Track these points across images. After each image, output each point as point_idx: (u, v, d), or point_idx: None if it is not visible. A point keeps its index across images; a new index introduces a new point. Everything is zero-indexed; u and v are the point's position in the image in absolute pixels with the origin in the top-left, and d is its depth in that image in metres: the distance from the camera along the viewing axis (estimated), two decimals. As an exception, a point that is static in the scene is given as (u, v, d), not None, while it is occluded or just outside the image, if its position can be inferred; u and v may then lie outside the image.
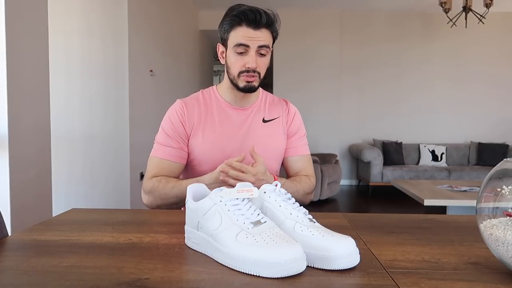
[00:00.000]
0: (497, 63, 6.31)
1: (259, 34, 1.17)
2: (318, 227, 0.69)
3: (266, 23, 1.18)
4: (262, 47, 1.18)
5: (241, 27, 1.17)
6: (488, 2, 4.21)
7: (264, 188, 0.76)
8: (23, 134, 1.78)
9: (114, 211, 1.07)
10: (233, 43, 1.19)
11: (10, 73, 1.68)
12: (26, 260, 0.68)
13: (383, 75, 6.43)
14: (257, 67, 1.20)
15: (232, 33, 1.19)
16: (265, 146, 1.28)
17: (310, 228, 0.68)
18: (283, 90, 6.31)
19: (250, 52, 1.18)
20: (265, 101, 1.36)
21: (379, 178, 5.62)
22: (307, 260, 0.61)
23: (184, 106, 1.28)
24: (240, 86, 1.23)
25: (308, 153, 1.38)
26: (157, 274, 0.61)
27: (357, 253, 0.64)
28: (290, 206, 0.73)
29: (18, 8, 1.74)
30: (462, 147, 6.18)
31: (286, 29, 6.35)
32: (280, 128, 1.33)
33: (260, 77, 1.23)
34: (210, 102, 1.31)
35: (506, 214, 0.61)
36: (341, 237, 0.65)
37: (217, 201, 0.69)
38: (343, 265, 0.62)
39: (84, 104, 3.32)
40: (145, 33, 3.74)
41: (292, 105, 1.40)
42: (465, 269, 0.64)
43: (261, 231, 0.64)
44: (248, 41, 1.17)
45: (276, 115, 1.34)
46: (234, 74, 1.22)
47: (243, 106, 1.31)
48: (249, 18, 1.15)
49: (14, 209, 1.70)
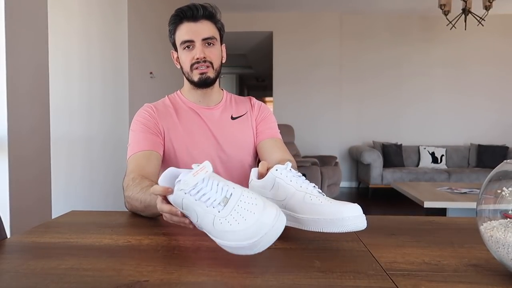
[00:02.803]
0: (497, 66, 6.32)
1: (200, 27, 1.22)
2: (326, 197, 0.75)
3: (204, 15, 1.22)
4: (207, 39, 1.22)
5: (182, 24, 1.23)
6: (487, 4, 4.22)
7: (277, 166, 0.82)
8: (23, 136, 1.78)
9: (113, 213, 1.07)
10: (179, 41, 1.23)
11: (10, 75, 1.68)
12: (25, 262, 0.67)
13: (383, 77, 6.43)
14: (207, 57, 1.22)
15: (177, 32, 1.24)
16: (236, 141, 1.32)
17: (319, 197, 0.74)
18: (283, 92, 6.32)
19: (196, 44, 1.22)
20: (230, 100, 1.39)
21: (379, 180, 5.62)
22: (318, 227, 0.68)
23: (154, 108, 1.30)
24: (195, 80, 1.25)
25: (280, 137, 1.38)
26: (156, 277, 0.60)
27: (363, 218, 0.69)
28: (301, 180, 0.79)
29: (18, 12, 1.74)
30: (462, 149, 6.18)
31: (286, 31, 6.38)
32: (249, 123, 1.36)
33: (214, 67, 1.25)
34: (178, 105, 1.34)
35: (506, 216, 0.61)
36: (348, 204, 0.71)
37: (183, 195, 0.68)
38: (352, 227, 0.66)
39: (83, 106, 3.32)
40: (145, 35, 3.74)
41: (256, 100, 1.43)
42: (465, 271, 0.64)
43: (231, 208, 0.64)
44: (192, 35, 1.21)
45: (243, 111, 1.37)
46: (187, 70, 1.25)
47: (209, 105, 1.33)
48: (187, 14, 1.21)
49: (14, 211, 1.69)
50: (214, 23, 1.25)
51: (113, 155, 3.35)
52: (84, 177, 3.35)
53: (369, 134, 6.44)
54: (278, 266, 0.66)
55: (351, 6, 6.01)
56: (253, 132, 1.36)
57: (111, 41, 3.32)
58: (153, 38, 3.99)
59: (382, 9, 6.14)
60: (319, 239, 0.81)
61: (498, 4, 5.16)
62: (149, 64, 3.86)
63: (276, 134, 1.38)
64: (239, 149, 1.32)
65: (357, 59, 6.44)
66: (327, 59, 6.32)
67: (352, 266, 0.66)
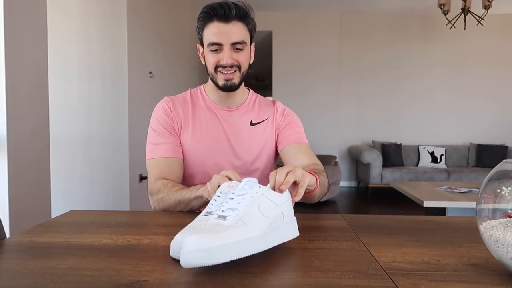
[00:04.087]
0: (496, 65, 6.32)
1: (231, 28, 1.14)
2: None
3: (236, 15, 1.14)
4: (236, 43, 1.15)
5: (212, 23, 1.15)
6: (486, 4, 4.22)
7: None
8: (22, 136, 1.78)
9: (112, 213, 1.07)
10: (207, 41, 1.17)
11: (9, 76, 1.68)
12: (24, 262, 0.67)
13: (382, 77, 6.44)
14: (235, 62, 1.17)
15: (205, 30, 1.17)
16: (252, 148, 1.27)
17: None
18: (283, 92, 6.31)
19: (224, 48, 1.15)
20: (254, 103, 1.33)
21: (378, 180, 5.62)
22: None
23: (171, 103, 1.27)
24: (219, 85, 1.20)
25: (306, 142, 1.30)
26: (155, 276, 0.60)
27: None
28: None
29: (17, 11, 1.74)
30: (462, 149, 6.18)
31: (286, 31, 6.38)
32: (270, 130, 1.30)
33: (241, 72, 1.20)
34: (197, 101, 1.30)
35: (506, 215, 0.61)
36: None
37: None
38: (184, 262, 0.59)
39: (83, 106, 3.32)
40: (144, 35, 3.74)
41: (280, 103, 1.36)
42: (465, 271, 0.64)
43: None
44: (220, 38, 1.14)
45: (265, 116, 1.31)
46: (211, 71, 1.20)
47: (229, 107, 1.28)
48: (218, 13, 1.13)
49: (13, 211, 1.69)
50: (246, 24, 1.18)
51: (113, 154, 3.35)
52: (83, 177, 3.34)
53: (368, 134, 6.44)
54: (277, 266, 0.66)
55: (351, 6, 6.01)
56: (274, 139, 1.31)
57: (111, 40, 3.31)
58: (153, 37, 3.99)
59: (381, 9, 6.14)
60: (318, 239, 0.81)
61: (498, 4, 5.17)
62: (149, 63, 3.85)
63: (301, 139, 1.30)
64: (254, 156, 1.27)
65: (357, 58, 6.44)
66: (327, 59, 6.32)
67: (352, 265, 0.66)
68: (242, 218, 0.64)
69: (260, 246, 0.63)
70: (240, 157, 1.26)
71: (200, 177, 1.25)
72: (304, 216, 0.95)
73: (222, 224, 0.63)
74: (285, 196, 0.73)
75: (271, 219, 0.67)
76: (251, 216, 0.65)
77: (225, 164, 1.25)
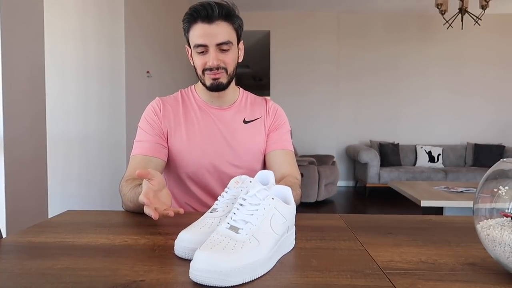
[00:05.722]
0: (493, 65, 6.35)
1: (215, 29, 1.13)
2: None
3: (220, 15, 1.13)
4: (222, 44, 1.15)
5: (196, 24, 1.14)
6: (484, 4, 4.23)
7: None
8: (19, 136, 1.77)
9: (109, 213, 1.06)
10: (193, 43, 1.17)
11: (5, 75, 1.67)
12: (20, 262, 0.67)
13: (380, 77, 6.45)
14: (221, 63, 1.16)
15: (191, 32, 1.17)
16: (245, 147, 1.26)
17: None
18: (280, 91, 6.32)
19: (210, 50, 1.15)
20: (246, 101, 1.33)
21: (376, 180, 5.64)
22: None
23: (161, 103, 1.27)
24: (207, 85, 1.21)
25: (291, 149, 1.32)
26: (152, 276, 0.60)
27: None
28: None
29: (14, 11, 1.73)
30: (459, 148, 6.20)
31: (284, 31, 6.38)
32: (261, 128, 1.30)
33: (228, 73, 1.19)
34: (189, 101, 1.30)
35: (503, 215, 0.61)
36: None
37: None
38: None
39: (80, 105, 3.31)
40: (141, 34, 3.73)
41: (272, 102, 1.36)
42: (462, 270, 0.64)
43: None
44: (205, 39, 1.14)
45: (257, 115, 1.31)
46: (199, 73, 1.21)
47: (221, 106, 1.28)
48: (202, 14, 1.12)
49: (10, 211, 1.68)
50: (231, 23, 1.17)
51: (110, 154, 3.34)
52: (80, 177, 3.33)
53: (366, 133, 6.45)
54: (274, 265, 0.66)
55: (348, 5, 6.02)
56: (264, 138, 1.30)
57: (108, 40, 3.30)
58: (150, 37, 3.98)
59: (379, 8, 6.16)
60: (316, 238, 0.81)
61: (495, 4, 5.19)
62: (146, 63, 3.84)
63: (288, 146, 1.31)
64: (250, 155, 1.27)
65: (354, 58, 6.45)
66: (325, 58, 6.32)
67: (349, 265, 0.66)
68: (254, 234, 0.63)
69: (267, 267, 0.63)
70: (237, 156, 1.26)
71: (198, 177, 1.25)
72: (301, 216, 0.95)
73: (236, 239, 0.62)
74: (292, 207, 0.73)
75: (279, 236, 0.67)
76: (262, 233, 0.64)
77: (222, 162, 1.24)
